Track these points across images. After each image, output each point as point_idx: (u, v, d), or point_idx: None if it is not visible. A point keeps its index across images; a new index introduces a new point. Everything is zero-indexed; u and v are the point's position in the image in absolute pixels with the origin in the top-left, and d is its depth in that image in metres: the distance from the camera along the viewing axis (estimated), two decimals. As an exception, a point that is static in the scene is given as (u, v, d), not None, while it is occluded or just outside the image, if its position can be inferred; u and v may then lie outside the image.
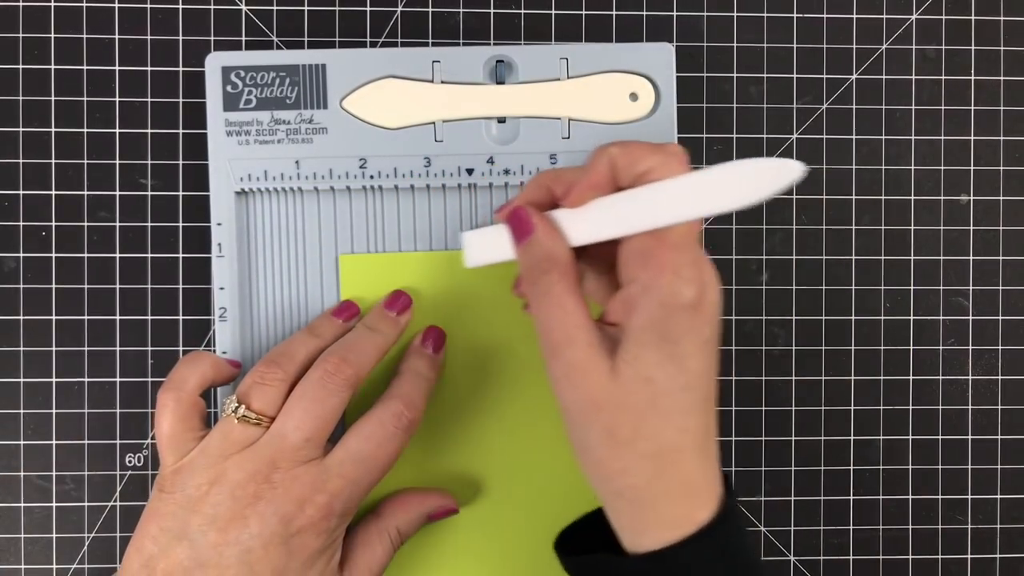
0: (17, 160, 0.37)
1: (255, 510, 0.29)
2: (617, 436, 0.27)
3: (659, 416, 0.26)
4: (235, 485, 0.29)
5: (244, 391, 0.31)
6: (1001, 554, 0.39)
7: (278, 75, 0.35)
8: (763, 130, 0.38)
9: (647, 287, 0.27)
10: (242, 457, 0.29)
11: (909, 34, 0.39)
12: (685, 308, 0.26)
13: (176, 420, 0.30)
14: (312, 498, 0.29)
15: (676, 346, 0.26)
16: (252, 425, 0.30)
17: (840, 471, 0.39)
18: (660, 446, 0.27)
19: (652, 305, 0.27)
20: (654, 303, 0.27)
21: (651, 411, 0.26)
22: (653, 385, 0.26)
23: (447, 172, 0.35)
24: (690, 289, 0.26)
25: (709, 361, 0.27)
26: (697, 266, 0.27)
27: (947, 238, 0.39)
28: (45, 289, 0.37)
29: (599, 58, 0.35)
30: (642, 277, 0.27)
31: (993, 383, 0.39)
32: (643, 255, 0.27)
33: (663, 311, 0.26)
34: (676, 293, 0.26)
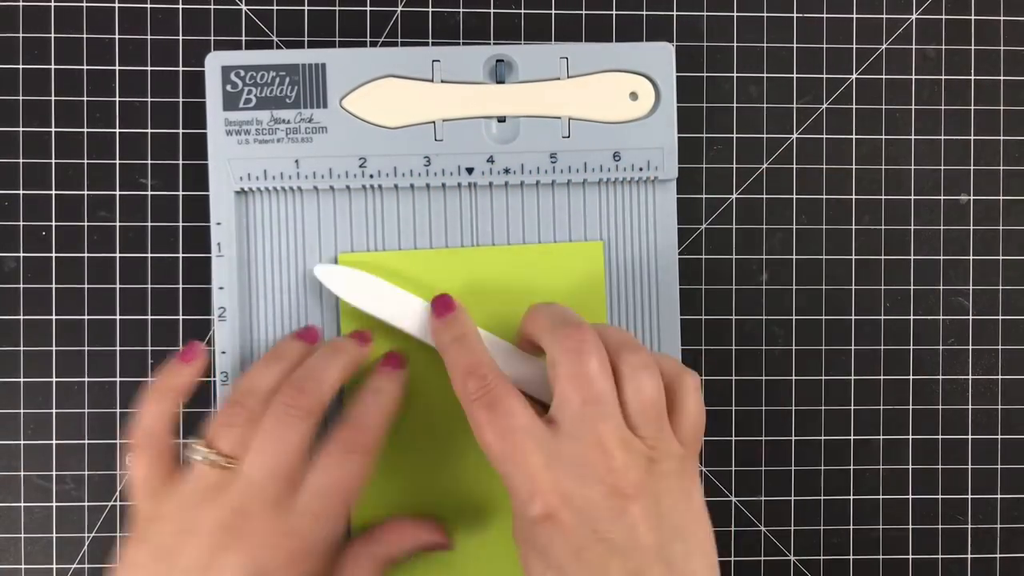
0: (17, 160, 0.37)
1: (227, 560, 0.28)
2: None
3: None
4: (206, 534, 0.28)
5: (212, 435, 0.30)
6: (1001, 554, 0.39)
7: (278, 74, 0.35)
8: (763, 130, 0.38)
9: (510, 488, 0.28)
10: (212, 505, 0.29)
11: (909, 34, 0.39)
12: (535, 524, 0.26)
13: (149, 465, 0.30)
14: (282, 543, 0.29)
15: (548, 558, 0.26)
16: (222, 468, 0.30)
17: (840, 471, 0.39)
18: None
19: (516, 518, 0.27)
20: (516, 516, 0.27)
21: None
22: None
23: (447, 171, 0.35)
24: (531, 509, 0.26)
25: (592, 561, 0.26)
26: (528, 482, 0.27)
27: (947, 238, 0.39)
28: (45, 289, 0.37)
29: (599, 57, 0.35)
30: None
31: (993, 383, 0.39)
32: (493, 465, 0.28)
33: (522, 526, 0.27)
34: (522, 514, 0.27)
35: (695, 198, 0.38)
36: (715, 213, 0.38)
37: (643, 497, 0.26)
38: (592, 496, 0.26)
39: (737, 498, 0.38)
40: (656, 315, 0.37)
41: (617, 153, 0.36)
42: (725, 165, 0.38)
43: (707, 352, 0.38)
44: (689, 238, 0.38)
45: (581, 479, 0.26)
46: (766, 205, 0.38)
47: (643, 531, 0.26)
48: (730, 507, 0.38)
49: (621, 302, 0.37)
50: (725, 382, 0.38)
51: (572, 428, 0.27)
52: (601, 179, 0.36)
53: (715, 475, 0.38)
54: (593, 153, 0.35)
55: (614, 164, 0.36)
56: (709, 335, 0.38)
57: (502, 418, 0.28)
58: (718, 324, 0.38)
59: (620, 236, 0.37)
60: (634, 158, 0.36)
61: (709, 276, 0.38)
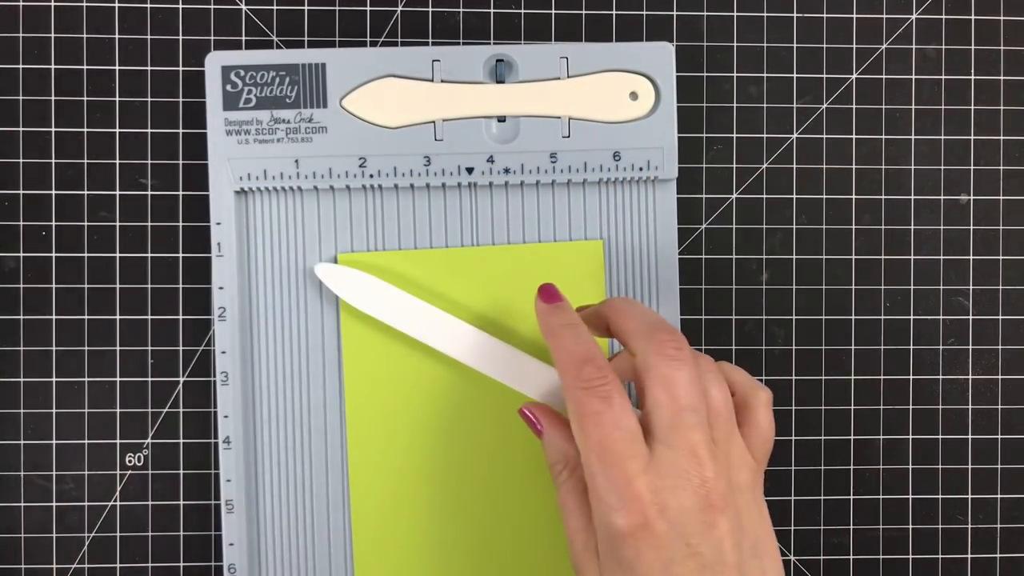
0: (17, 160, 0.37)
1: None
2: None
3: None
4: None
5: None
6: (1001, 554, 0.39)
7: (278, 74, 0.35)
8: (763, 130, 0.38)
9: (593, 507, 0.27)
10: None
11: (909, 34, 0.39)
12: (625, 536, 0.25)
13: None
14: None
15: (634, 571, 0.25)
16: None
17: (840, 471, 0.39)
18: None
19: (600, 526, 0.26)
20: (600, 523, 0.26)
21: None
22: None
23: (447, 171, 0.35)
24: (620, 518, 0.25)
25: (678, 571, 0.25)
26: (624, 488, 0.25)
27: (947, 238, 0.39)
28: (45, 289, 0.37)
29: (599, 57, 0.35)
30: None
31: (993, 383, 0.39)
32: (585, 462, 0.27)
33: (607, 537, 0.26)
34: (607, 524, 0.25)
35: (695, 198, 0.38)
36: (715, 213, 0.38)
37: (729, 510, 0.26)
38: (687, 506, 0.25)
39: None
40: (656, 315, 0.37)
41: (617, 153, 0.36)
42: (725, 165, 0.38)
43: (707, 352, 0.38)
44: (689, 238, 0.38)
45: (676, 489, 0.25)
46: (766, 205, 0.38)
47: (728, 547, 0.25)
48: (730, 507, 0.38)
49: (621, 302, 0.37)
50: (725, 382, 0.38)
51: (665, 435, 0.26)
52: (601, 179, 0.36)
53: (715, 475, 0.38)
54: (593, 153, 0.35)
55: (614, 164, 0.36)
56: (709, 335, 0.38)
57: (615, 413, 0.26)
58: (718, 324, 0.38)
59: (620, 236, 0.37)
60: (634, 158, 0.36)
61: (709, 276, 0.38)
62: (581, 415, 0.27)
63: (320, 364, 0.36)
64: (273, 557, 0.36)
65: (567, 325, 0.30)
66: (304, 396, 0.36)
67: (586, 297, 0.36)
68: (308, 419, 0.36)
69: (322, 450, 0.36)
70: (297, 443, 0.36)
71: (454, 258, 0.36)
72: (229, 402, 0.35)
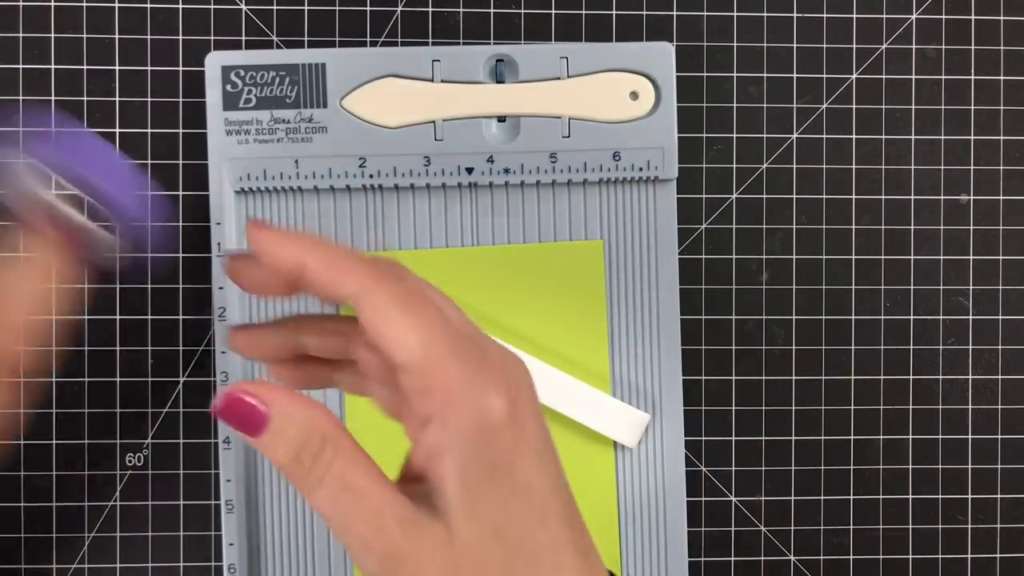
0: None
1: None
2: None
3: (526, 567, 0.21)
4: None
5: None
6: (1001, 554, 0.39)
7: (278, 74, 0.35)
8: (763, 130, 0.38)
9: (445, 421, 0.21)
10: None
11: (909, 34, 0.39)
12: (500, 424, 0.21)
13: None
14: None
15: (512, 473, 0.21)
16: None
17: (840, 471, 0.39)
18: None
19: (463, 438, 0.21)
20: (464, 435, 0.21)
21: (515, 566, 0.21)
22: (504, 533, 0.21)
23: (447, 171, 0.35)
24: (496, 398, 0.21)
25: (553, 469, 0.22)
26: (486, 367, 0.21)
27: (947, 238, 0.39)
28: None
29: (599, 57, 0.35)
30: (432, 411, 0.21)
31: (993, 383, 0.39)
32: (417, 389, 0.21)
33: (478, 438, 0.21)
34: (480, 411, 0.21)
35: (695, 198, 0.38)
36: (715, 213, 0.38)
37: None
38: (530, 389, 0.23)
39: (737, 498, 0.38)
40: (656, 315, 0.37)
41: (617, 153, 0.36)
42: (725, 165, 0.38)
43: (707, 352, 0.38)
44: (689, 238, 0.38)
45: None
46: (766, 205, 0.38)
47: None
48: (730, 507, 0.38)
49: (621, 302, 0.37)
50: (725, 382, 0.38)
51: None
52: (601, 179, 0.36)
53: (715, 475, 0.38)
54: (593, 153, 0.35)
55: (614, 164, 0.36)
56: (709, 335, 0.38)
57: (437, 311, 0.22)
58: (718, 324, 0.38)
59: (620, 236, 0.37)
60: (634, 158, 0.36)
61: (709, 276, 0.38)
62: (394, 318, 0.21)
63: (320, 364, 0.36)
64: (273, 557, 0.36)
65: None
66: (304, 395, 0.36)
67: (586, 297, 0.36)
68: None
69: (322, 450, 0.36)
70: (297, 443, 0.36)
71: (454, 258, 0.36)
72: (229, 402, 0.35)
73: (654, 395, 0.37)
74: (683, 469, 0.37)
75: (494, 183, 0.36)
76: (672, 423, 0.37)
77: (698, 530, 0.38)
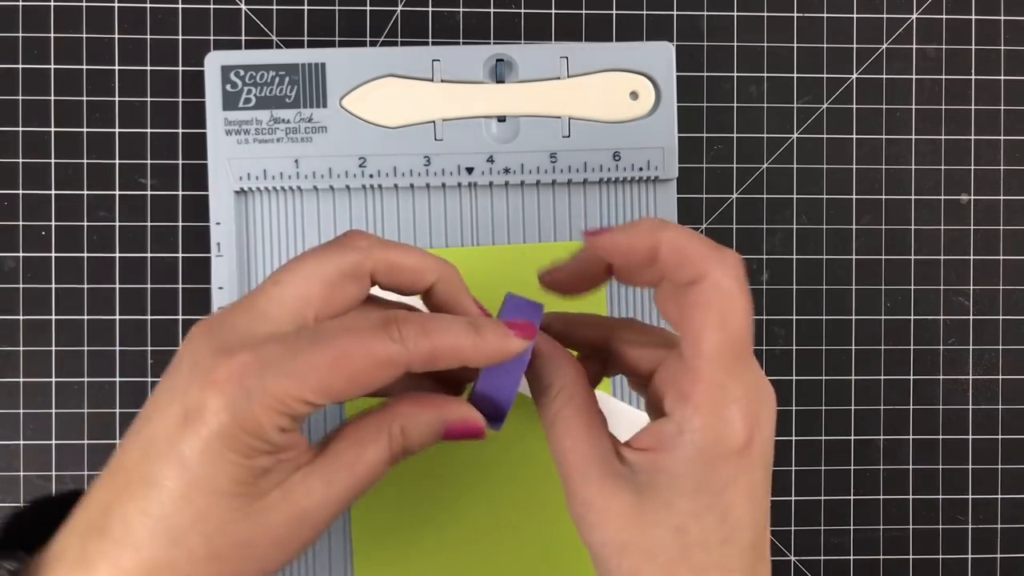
0: (17, 160, 0.37)
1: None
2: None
3: (691, 571, 0.23)
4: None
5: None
6: (1002, 554, 0.39)
7: (277, 74, 0.35)
8: (763, 129, 0.38)
9: (682, 428, 0.23)
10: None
11: (909, 33, 0.39)
12: (730, 454, 0.22)
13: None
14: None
15: (718, 497, 0.23)
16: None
17: (841, 471, 0.39)
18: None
19: (689, 450, 0.23)
20: (692, 448, 0.23)
21: (682, 565, 0.23)
22: (685, 536, 0.22)
23: (447, 171, 0.35)
24: (737, 433, 0.22)
25: (759, 505, 0.23)
26: (745, 401, 0.23)
27: (947, 237, 0.39)
28: (45, 289, 0.37)
29: (599, 57, 0.35)
30: (677, 414, 0.23)
31: (994, 383, 0.39)
32: (677, 386, 0.23)
33: (703, 459, 0.23)
34: (719, 439, 0.22)
35: (695, 198, 0.38)
36: (715, 213, 0.38)
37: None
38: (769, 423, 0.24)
39: None
40: (656, 315, 0.37)
41: (617, 153, 0.35)
42: (725, 165, 0.38)
43: (707, 352, 0.38)
44: (689, 238, 0.38)
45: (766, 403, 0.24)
46: (766, 205, 0.38)
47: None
48: (730, 507, 0.38)
49: (621, 302, 0.36)
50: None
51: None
52: (601, 179, 0.36)
53: (715, 475, 0.38)
54: (593, 153, 0.35)
55: (614, 164, 0.36)
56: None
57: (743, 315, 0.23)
58: (718, 324, 0.38)
59: (620, 236, 0.36)
60: (634, 158, 0.36)
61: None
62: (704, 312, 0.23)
63: (320, 364, 0.36)
64: (273, 557, 0.36)
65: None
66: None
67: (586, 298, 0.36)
68: (307, 421, 0.36)
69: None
70: (297, 443, 0.36)
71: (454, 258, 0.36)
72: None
73: (654, 395, 0.37)
74: (683, 469, 0.37)
75: (494, 183, 0.36)
76: (672, 423, 0.37)
77: (698, 530, 0.38)
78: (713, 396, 0.23)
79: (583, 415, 0.25)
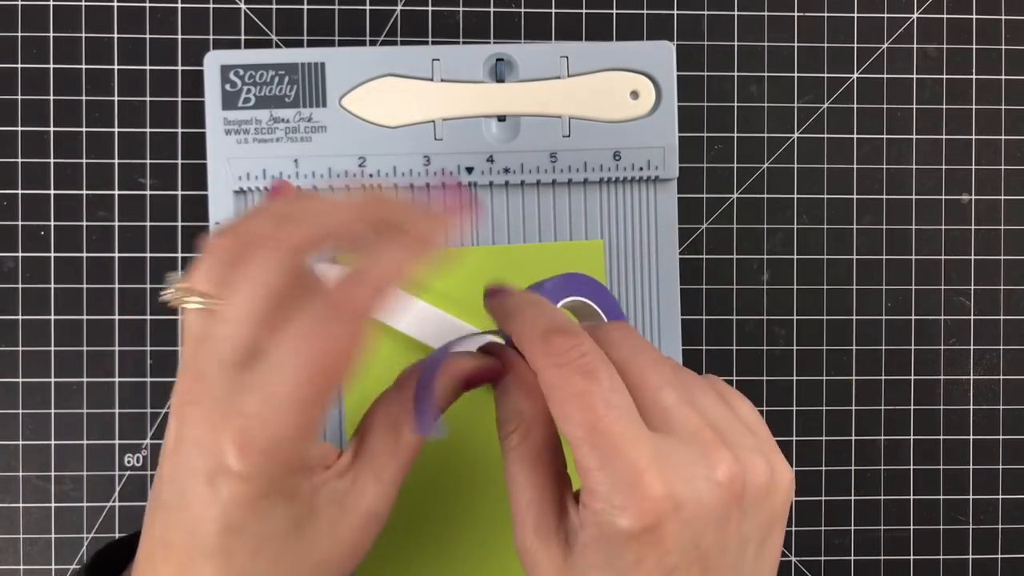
0: (16, 160, 0.37)
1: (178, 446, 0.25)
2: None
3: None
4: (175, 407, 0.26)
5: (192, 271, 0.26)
6: (1003, 554, 0.39)
7: (277, 73, 0.35)
8: (764, 129, 0.38)
9: (585, 503, 0.21)
10: (183, 367, 0.26)
11: (910, 33, 0.39)
12: (628, 539, 0.21)
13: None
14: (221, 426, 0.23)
15: (625, 573, 0.21)
16: (203, 311, 0.26)
17: (841, 471, 0.39)
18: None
19: (591, 525, 0.21)
20: (592, 523, 0.21)
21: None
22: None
23: (447, 171, 0.35)
24: (626, 519, 0.20)
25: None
26: (632, 484, 0.20)
27: (948, 237, 0.39)
28: (44, 289, 0.37)
29: (600, 56, 0.35)
30: (583, 488, 0.22)
31: (995, 383, 0.39)
32: (576, 453, 0.21)
33: (600, 536, 0.21)
34: (607, 523, 0.21)
35: (695, 198, 0.38)
36: (716, 213, 0.38)
37: (743, 500, 0.22)
38: (705, 502, 0.21)
39: (738, 499, 0.38)
40: (657, 315, 0.36)
41: (617, 152, 0.35)
42: (726, 165, 0.38)
43: (708, 352, 0.38)
44: (689, 238, 0.38)
45: (693, 481, 0.21)
46: (767, 205, 0.38)
47: (734, 544, 0.22)
48: (731, 508, 0.38)
49: (621, 302, 0.36)
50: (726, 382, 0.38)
51: (661, 418, 0.22)
52: (601, 178, 0.36)
53: (716, 475, 0.38)
54: (593, 152, 0.35)
55: (614, 163, 0.35)
56: (710, 335, 0.38)
57: (604, 390, 0.21)
58: (719, 324, 0.38)
59: (620, 236, 0.36)
60: (634, 157, 0.35)
61: (710, 276, 0.38)
62: (561, 398, 0.21)
63: (319, 364, 0.36)
64: (272, 558, 0.36)
65: (529, 302, 0.25)
66: (303, 396, 0.36)
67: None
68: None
69: (321, 451, 0.36)
70: (296, 443, 0.36)
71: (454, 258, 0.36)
72: (228, 402, 0.35)
73: (654, 395, 0.36)
74: (683, 470, 0.37)
75: (494, 183, 0.36)
76: (672, 423, 0.36)
77: (699, 531, 0.38)
78: (602, 476, 0.21)
79: (533, 458, 0.24)
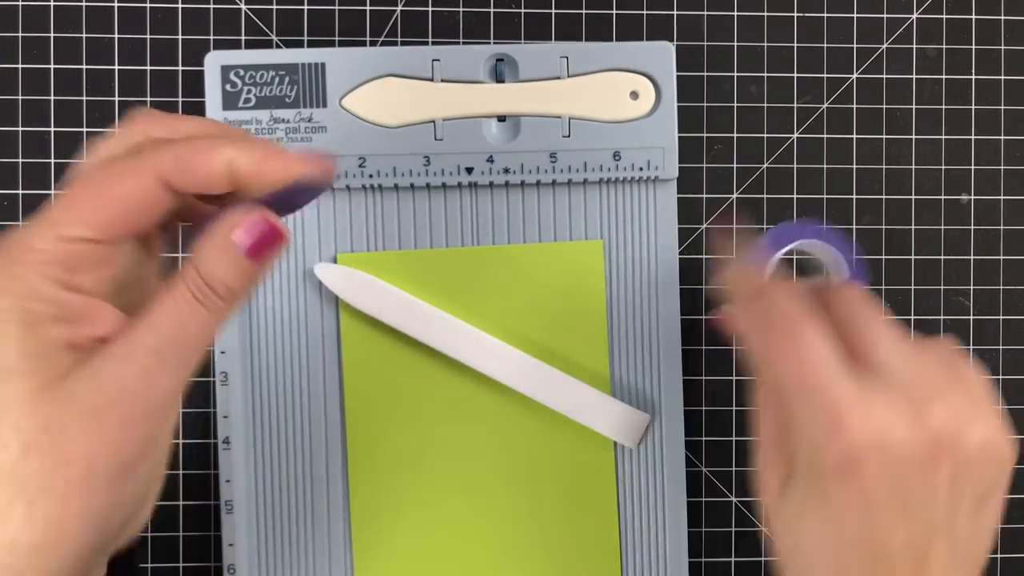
0: (16, 160, 0.37)
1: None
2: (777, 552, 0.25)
3: (801, 569, 0.23)
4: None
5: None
6: (1002, 554, 0.39)
7: (277, 74, 0.35)
8: (763, 129, 0.38)
9: (799, 424, 0.23)
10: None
11: (910, 33, 0.39)
12: (827, 472, 0.22)
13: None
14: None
15: (826, 505, 0.23)
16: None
17: (841, 471, 0.39)
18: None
19: (800, 460, 0.23)
20: (801, 459, 0.23)
21: (795, 557, 0.24)
22: (799, 535, 0.23)
23: (447, 171, 0.35)
24: (828, 455, 0.22)
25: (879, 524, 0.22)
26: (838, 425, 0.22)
27: (948, 237, 0.39)
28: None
29: (599, 56, 0.35)
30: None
31: (994, 383, 0.39)
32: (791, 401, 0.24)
33: (808, 465, 0.23)
34: (812, 459, 0.23)
35: (695, 198, 0.38)
36: (715, 213, 0.38)
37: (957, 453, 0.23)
38: (906, 445, 0.22)
39: (737, 498, 0.38)
40: (656, 315, 0.37)
41: (617, 152, 0.35)
42: (725, 165, 0.38)
43: (708, 352, 0.38)
44: (689, 238, 0.38)
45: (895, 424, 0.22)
46: (766, 205, 0.38)
47: (943, 497, 0.23)
48: (730, 507, 0.38)
49: (621, 302, 0.36)
50: (726, 382, 0.38)
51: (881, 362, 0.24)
52: (601, 179, 0.36)
53: (715, 475, 0.38)
54: (593, 152, 0.35)
55: (614, 164, 0.36)
56: (709, 335, 0.38)
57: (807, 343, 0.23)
58: (718, 324, 0.38)
59: (620, 236, 0.36)
60: (634, 157, 0.36)
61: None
62: (766, 356, 0.24)
63: (320, 364, 0.36)
64: (273, 557, 0.36)
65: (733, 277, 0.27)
66: (304, 396, 0.36)
67: (586, 297, 0.36)
68: (308, 419, 0.36)
69: (322, 450, 0.36)
70: (297, 443, 0.36)
71: (454, 258, 0.36)
72: (229, 402, 0.35)
73: (654, 395, 0.37)
74: (683, 469, 0.37)
75: (494, 183, 0.36)
76: (672, 423, 0.37)
77: (698, 531, 0.38)
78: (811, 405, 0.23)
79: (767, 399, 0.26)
